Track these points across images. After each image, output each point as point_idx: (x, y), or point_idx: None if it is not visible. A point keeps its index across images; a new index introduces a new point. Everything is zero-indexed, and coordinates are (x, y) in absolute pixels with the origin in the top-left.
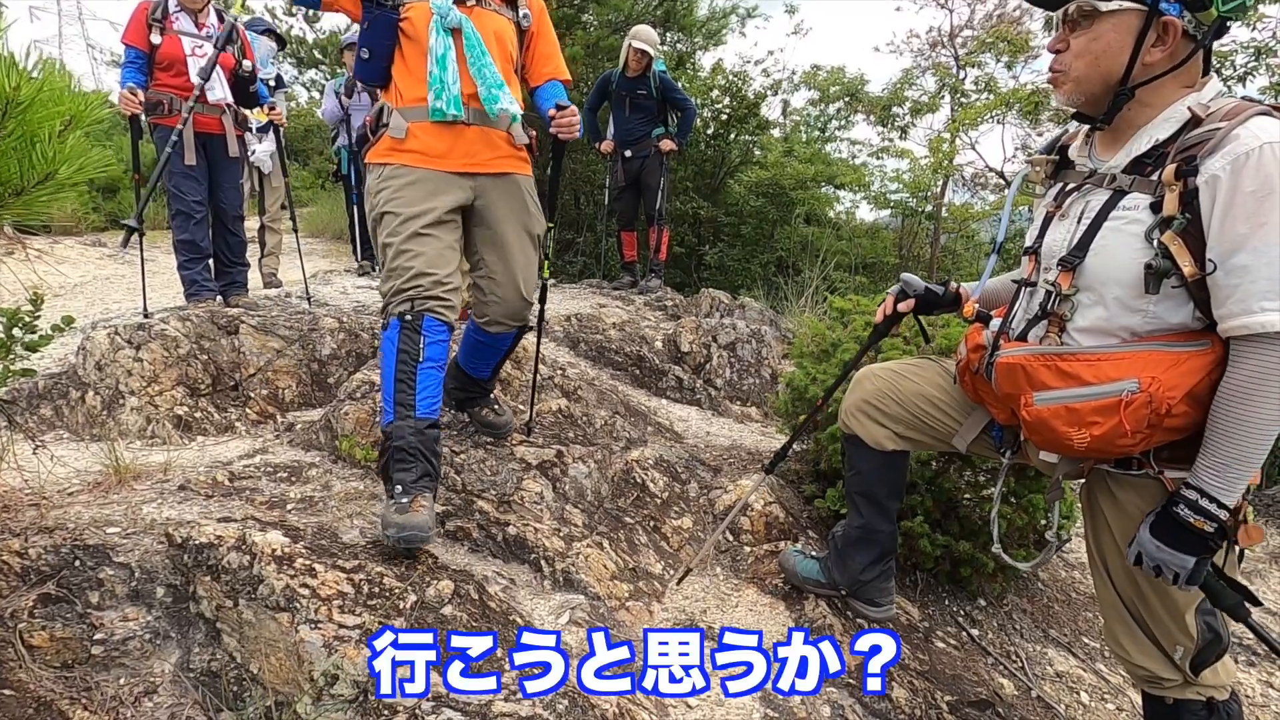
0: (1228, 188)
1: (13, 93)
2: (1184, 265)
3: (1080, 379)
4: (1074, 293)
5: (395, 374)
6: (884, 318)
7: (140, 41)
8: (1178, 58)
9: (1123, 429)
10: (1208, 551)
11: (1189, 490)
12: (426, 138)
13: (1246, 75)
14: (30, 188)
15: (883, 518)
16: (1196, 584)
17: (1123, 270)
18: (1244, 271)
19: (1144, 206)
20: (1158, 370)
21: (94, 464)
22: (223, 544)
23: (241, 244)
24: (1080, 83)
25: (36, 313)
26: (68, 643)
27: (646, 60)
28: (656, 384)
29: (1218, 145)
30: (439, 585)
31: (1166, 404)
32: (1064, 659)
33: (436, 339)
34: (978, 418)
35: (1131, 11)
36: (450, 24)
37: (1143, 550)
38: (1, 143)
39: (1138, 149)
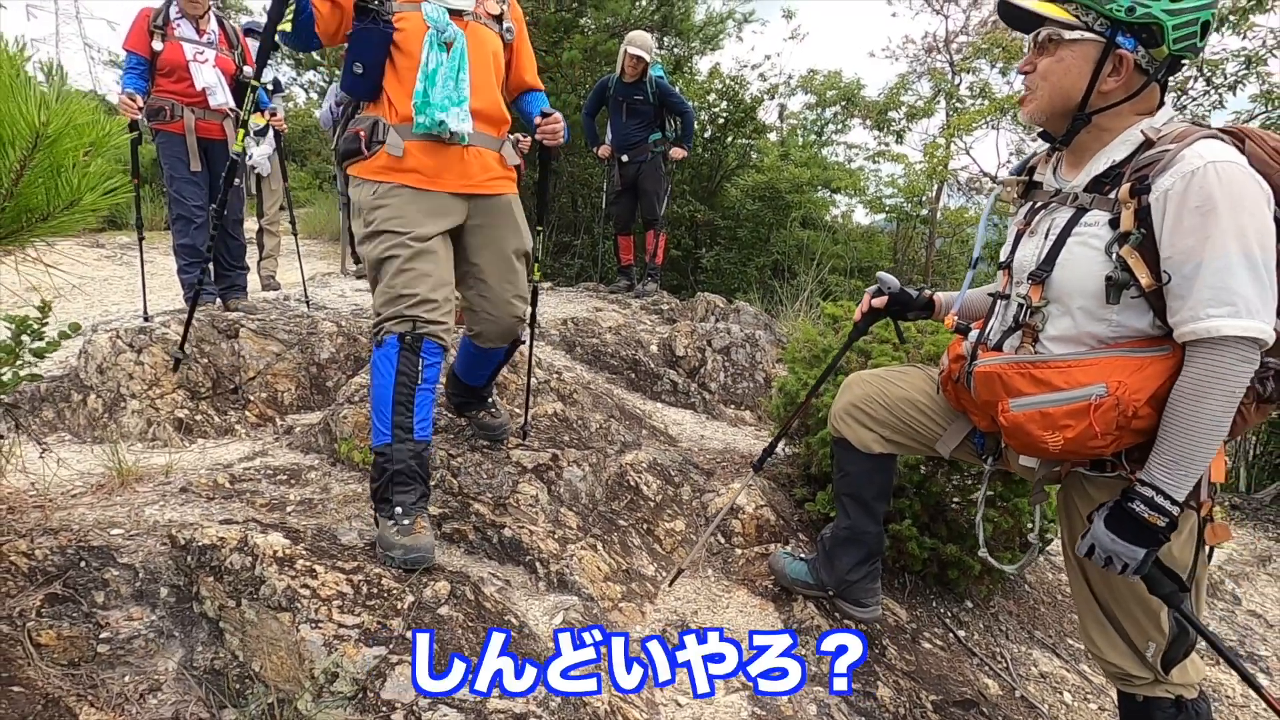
0: (1176, 204)
1: (42, 127)
2: (1141, 277)
3: (1052, 385)
4: (1044, 304)
5: (394, 396)
6: (862, 315)
7: (142, 48)
8: (1131, 89)
9: (1093, 431)
10: (1157, 544)
11: (1143, 487)
12: (423, 157)
13: (1237, 84)
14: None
15: (870, 519)
16: (1143, 574)
17: (1086, 282)
18: (1193, 281)
19: (1103, 223)
20: (1123, 375)
21: (96, 466)
22: (225, 545)
23: (241, 247)
24: (1043, 103)
25: (44, 319)
26: (74, 641)
27: (642, 66)
28: (651, 388)
29: (1167, 165)
30: (436, 586)
31: (1132, 406)
32: (1048, 660)
33: (433, 361)
34: (960, 425)
35: (1091, 42)
36: (447, 38)
37: (1096, 543)
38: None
39: (1096, 169)
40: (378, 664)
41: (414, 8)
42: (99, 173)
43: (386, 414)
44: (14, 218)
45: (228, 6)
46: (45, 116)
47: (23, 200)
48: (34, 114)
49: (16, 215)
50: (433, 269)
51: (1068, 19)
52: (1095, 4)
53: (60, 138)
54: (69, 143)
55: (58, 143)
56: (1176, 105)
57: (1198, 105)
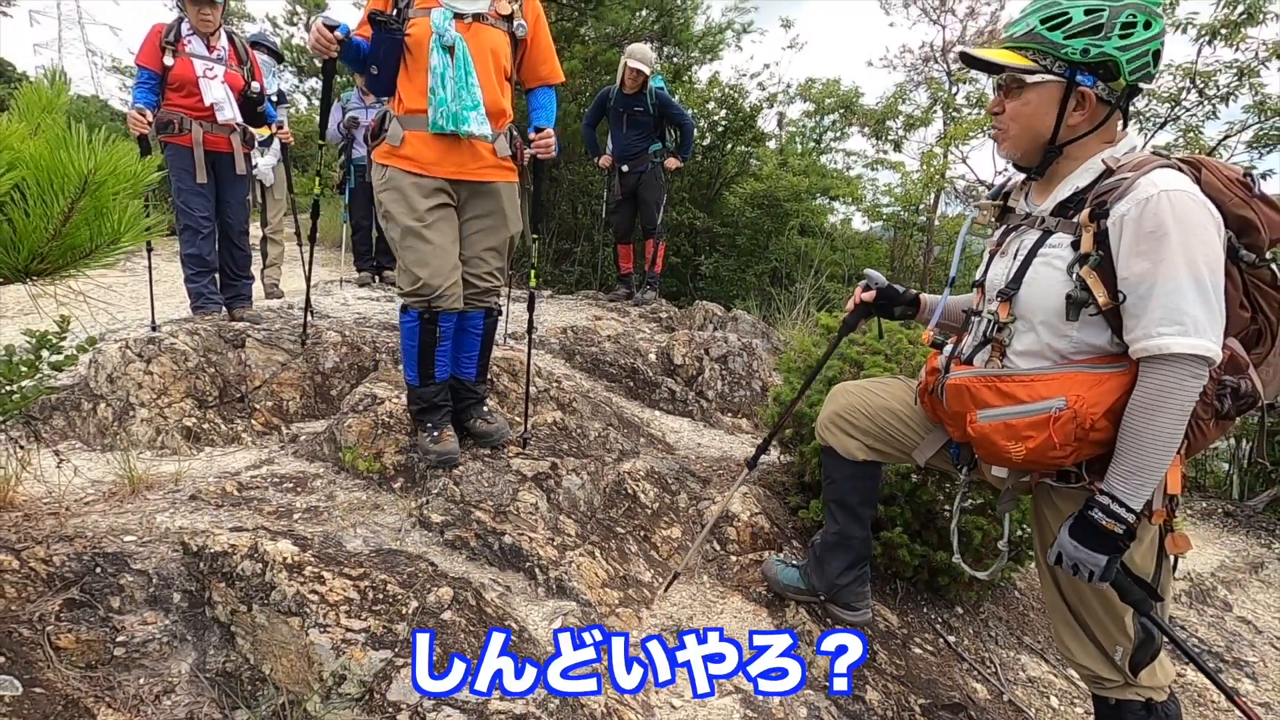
0: (1132, 229)
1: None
2: (1099, 296)
3: (1016, 398)
4: (1011, 321)
5: (419, 355)
6: (853, 308)
7: (153, 63)
8: (1096, 120)
9: (1052, 442)
10: (1117, 551)
11: (1101, 496)
12: (420, 145)
13: (1230, 95)
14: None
15: (857, 524)
16: (1108, 580)
17: (1048, 300)
18: (1147, 301)
19: (1066, 245)
20: (1082, 389)
21: (108, 474)
22: (236, 552)
23: (246, 257)
24: (1016, 141)
25: (63, 334)
26: (92, 644)
27: (643, 79)
28: (650, 396)
29: (1124, 192)
30: (439, 592)
31: (1090, 419)
32: (1036, 664)
33: (447, 326)
34: (936, 436)
35: (1053, 83)
36: (447, 43)
37: (1062, 550)
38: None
39: (1062, 195)
40: (384, 666)
41: (424, 13)
42: (137, 212)
43: (414, 365)
44: (59, 255)
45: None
46: (93, 165)
47: (68, 240)
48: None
49: (62, 254)
50: (436, 245)
51: (1027, 65)
52: (1052, 50)
53: (105, 183)
54: (112, 187)
55: (103, 187)
56: (1171, 117)
57: (1191, 116)
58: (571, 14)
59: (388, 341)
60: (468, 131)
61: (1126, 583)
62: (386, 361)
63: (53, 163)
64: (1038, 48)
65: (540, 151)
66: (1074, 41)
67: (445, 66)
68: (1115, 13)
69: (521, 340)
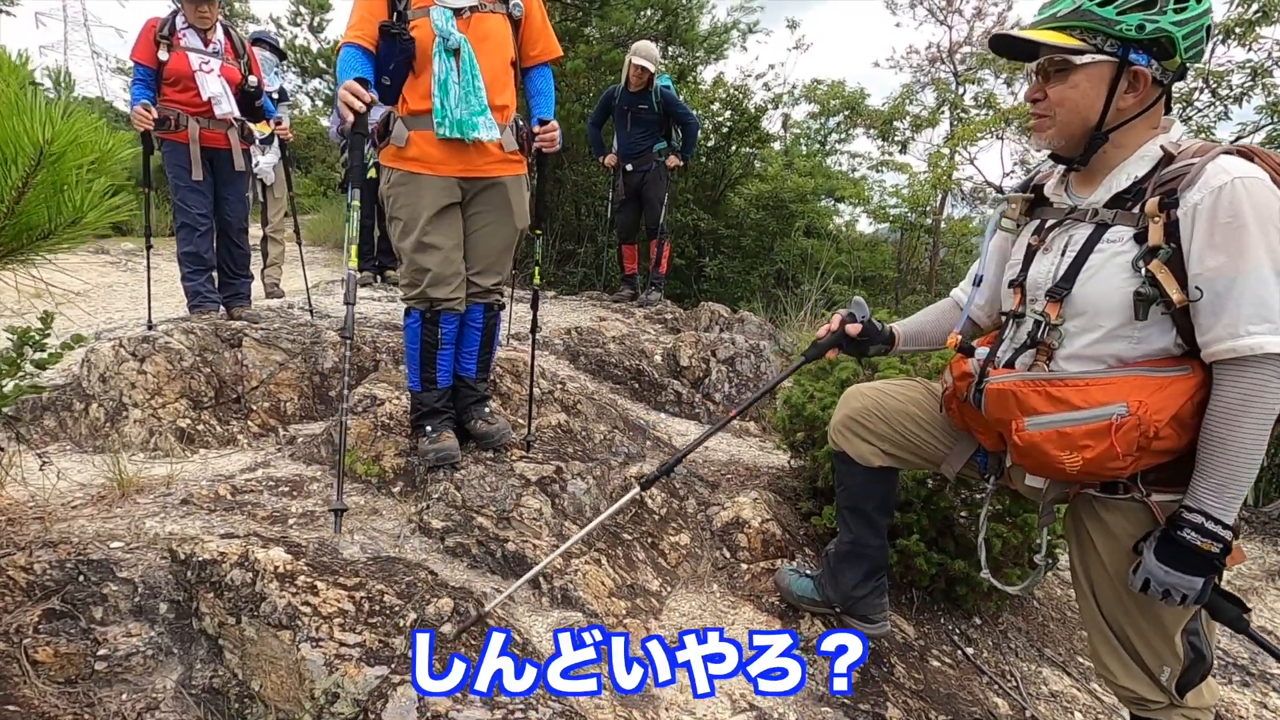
0: (1206, 219)
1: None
2: (1171, 292)
3: (1070, 404)
4: (1062, 321)
5: (421, 357)
6: (828, 333)
7: (148, 59)
8: (1147, 102)
9: (1114, 451)
10: (1213, 570)
11: (1191, 514)
12: (426, 146)
13: (1243, 95)
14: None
15: (872, 533)
16: (1203, 603)
17: (1112, 298)
18: (1228, 298)
19: (1128, 238)
20: (1144, 394)
21: (97, 476)
22: (226, 560)
23: (245, 256)
24: (1062, 129)
25: (47, 331)
26: (71, 658)
27: (648, 76)
28: (655, 398)
29: (1194, 179)
30: (439, 603)
31: (1154, 427)
32: (1059, 678)
33: (450, 327)
34: (964, 446)
35: (1104, 64)
36: (451, 46)
37: (1150, 576)
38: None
39: (1117, 185)
40: (379, 684)
41: (424, 13)
42: (101, 190)
43: (416, 369)
44: (14, 236)
45: (234, 15)
46: (49, 134)
47: (24, 218)
48: (38, 131)
49: (17, 234)
50: (441, 245)
51: (1076, 45)
52: (1103, 27)
53: (64, 155)
54: (73, 160)
55: (61, 160)
56: (1183, 117)
57: (1203, 117)
58: (576, 14)
59: (388, 342)
60: (475, 138)
61: (1219, 602)
62: (387, 362)
63: (3, 132)
64: (1087, 25)
65: (545, 145)
66: (1128, 17)
67: (449, 72)
68: None
69: (524, 341)
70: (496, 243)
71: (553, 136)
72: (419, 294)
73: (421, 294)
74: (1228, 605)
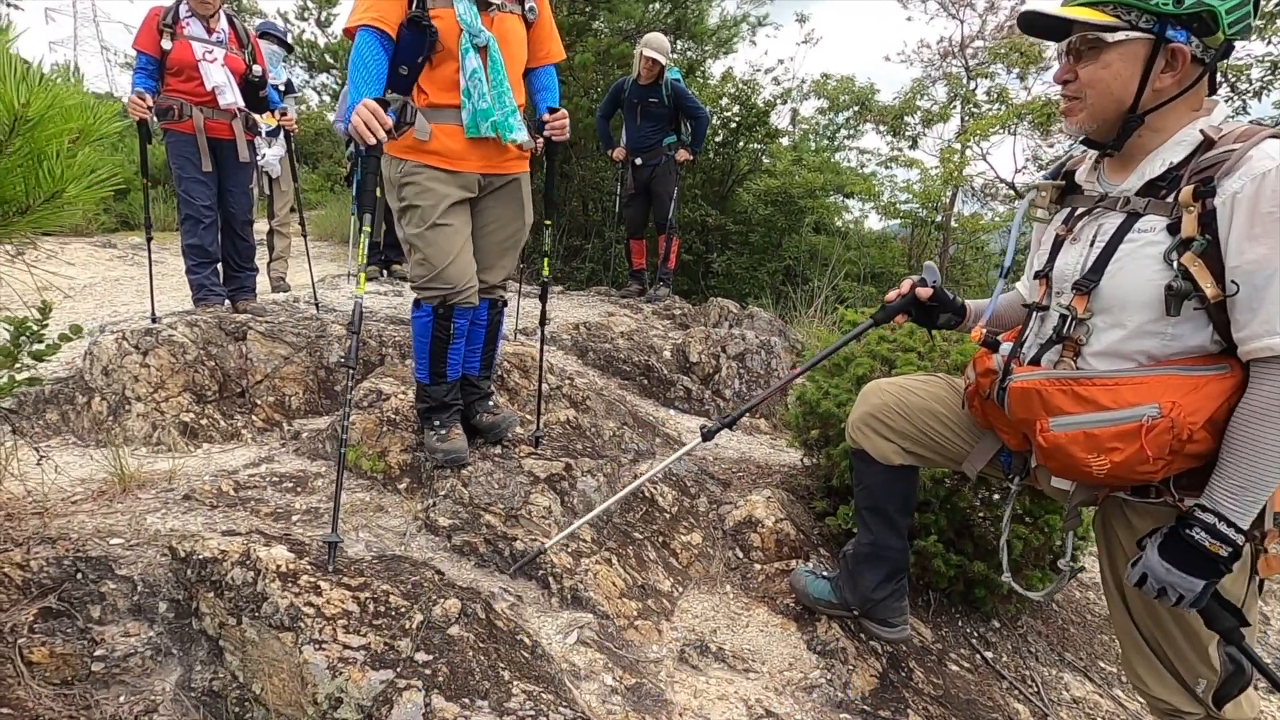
0: (1246, 209)
1: (21, 109)
2: (1206, 287)
3: (1098, 404)
4: (1089, 316)
5: (431, 351)
6: (898, 296)
7: (151, 47)
8: (1186, 82)
9: (1144, 455)
10: (1218, 575)
11: (1204, 513)
12: (448, 141)
13: (1263, 89)
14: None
15: (892, 534)
16: (1200, 607)
17: (1142, 292)
18: (1267, 291)
19: (1160, 228)
20: (1178, 395)
21: (98, 471)
22: (227, 559)
23: (250, 249)
24: (1094, 111)
25: (44, 321)
26: (68, 659)
27: (658, 69)
28: (665, 394)
29: (1234, 166)
30: (446, 604)
31: (1188, 429)
32: (1080, 684)
33: (462, 322)
34: (987, 444)
35: (1139, 41)
36: (480, 43)
37: (1150, 572)
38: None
39: (1151, 172)
40: (384, 689)
41: (447, 3)
42: (85, 163)
43: (425, 362)
44: None
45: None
46: (25, 97)
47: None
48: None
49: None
50: (456, 239)
51: (1109, 21)
52: (1139, 2)
53: (42, 122)
54: (53, 128)
55: (39, 127)
56: None
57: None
58: (584, 7)
59: (394, 336)
60: (512, 139)
61: (1215, 609)
62: (393, 356)
63: None
64: (1121, 0)
65: (555, 134)
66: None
67: (479, 68)
68: None
69: (532, 336)
70: (506, 239)
71: (563, 124)
72: (433, 284)
73: (435, 284)
74: (1224, 614)
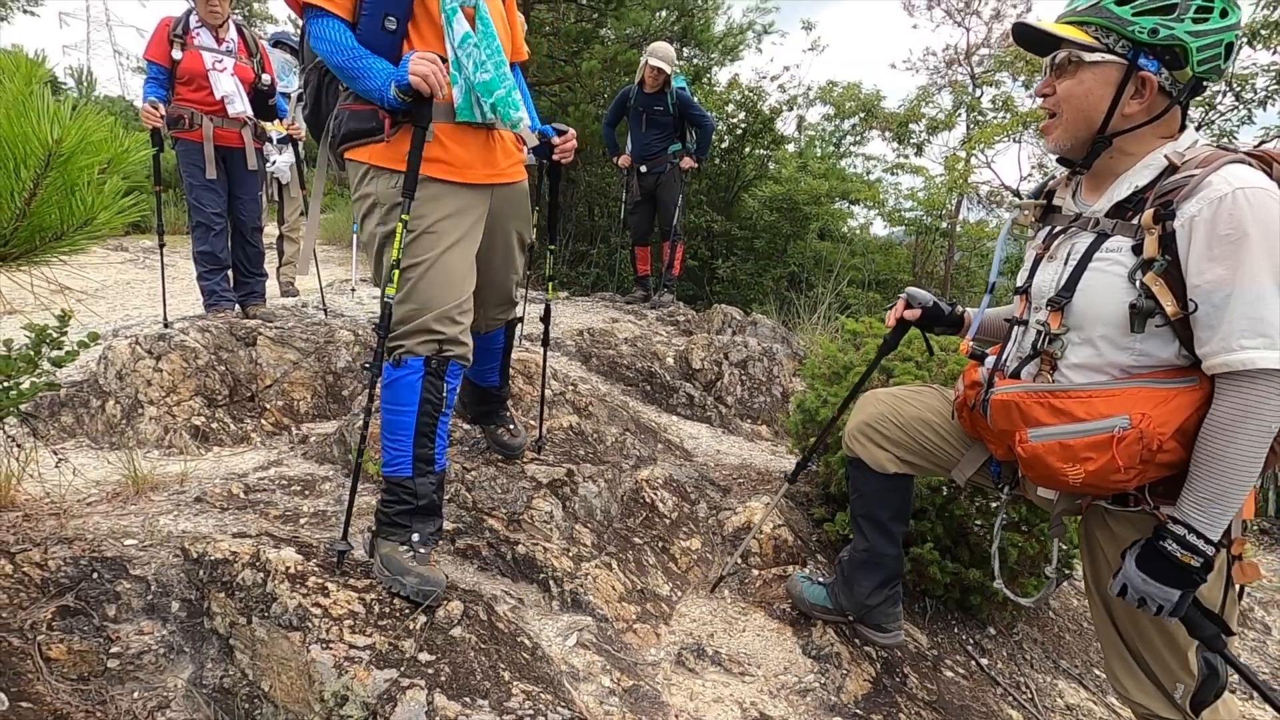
0: (1204, 232)
1: (55, 145)
2: (1166, 305)
3: (1073, 415)
4: (1063, 332)
5: (419, 425)
6: (894, 324)
7: (162, 57)
8: (1154, 111)
9: (1115, 464)
10: (1192, 585)
11: (1175, 525)
12: (453, 145)
13: (1267, 99)
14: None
15: (887, 541)
16: (1179, 616)
17: (1108, 310)
18: (1224, 311)
19: (1126, 249)
20: (1148, 406)
21: (113, 473)
22: (238, 560)
23: (260, 254)
24: (1066, 128)
25: (64, 329)
26: (84, 655)
27: (664, 77)
28: (667, 400)
29: (1193, 191)
30: (449, 606)
31: (1157, 440)
32: (1075, 691)
33: (455, 384)
34: (977, 452)
35: (1112, 64)
36: (465, 2)
37: (1128, 583)
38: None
39: (1118, 194)
40: (388, 687)
41: None
42: (115, 190)
43: (407, 445)
44: (27, 238)
45: (253, 15)
46: (58, 134)
47: (35, 220)
48: (47, 132)
49: (30, 235)
50: (460, 276)
51: (1088, 41)
52: (1117, 26)
53: (74, 155)
54: (84, 160)
55: (71, 160)
56: (1205, 121)
57: (1225, 120)
58: (591, 14)
59: None
60: (517, 118)
61: (1197, 617)
62: None
63: (13, 132)
64: (1101, 23)
65: (565, 156)
66: (1143, 19)
67: (467, 34)
68: None
69: (537, 342)
70: (513, 262)
71: (572, 146)
72: (426, 327)
73: (433, 328)
74: (1206, 623)
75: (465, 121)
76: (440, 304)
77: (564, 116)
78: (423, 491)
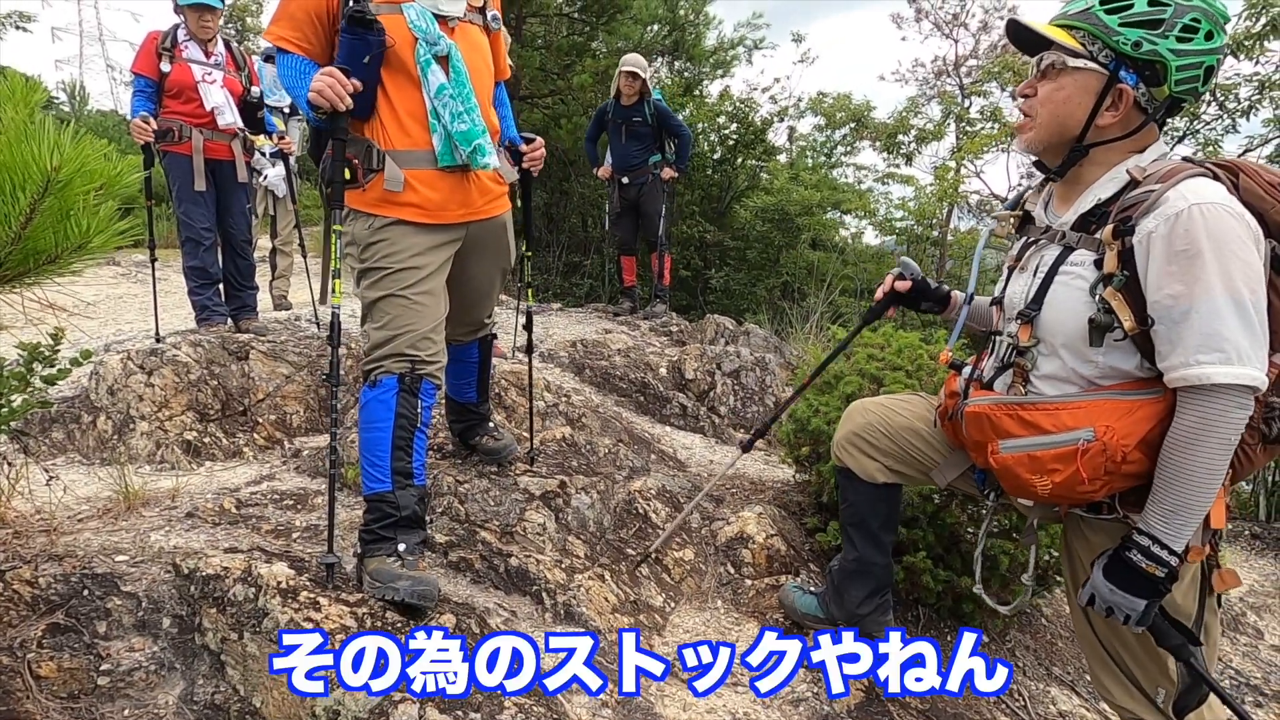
0: (1160, 248)
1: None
2: (1124, 320)
3: (1040, 428)
4: (1033, 344)
5: (394, 441)
6: (882, 295)
7: (150, 70)
8: (1129, 126)
9: (1080, 476)
10: (1158, 595)
11: (1140, 536)
12: (425, 190)
13: (1250, 109)
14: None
15: (877, 550)
16: (1146, 625)
17: (1070, 323)
18: (1181, 327)
19: (1089, 263)
20: (1111, 419)
21: (104, 489)
22: (229, 575)
23: (250, 267)
24: (1041, 129)
25: (56, 347)
26: (74, 673)
27: (639, 85)
28: (660, 411)
29: (1151, 207)
30: (441, 620)
31: (1121, 451)
32: (1067, 698)
33: (430, 403)
34: (959, 458)
35: (1093, 73)
36: (439, 52)
37: (1096, 592)
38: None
39: (1083, 207)
40: (380, 702)
41: (393, 9)
42: (108, 215)
43: (385, 460)
44: (20, 260)
45: (246, 30)
46: (57, 161)
47: (30, 243)
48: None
49: (24, 258)
50: (432, 305)
51: (1075, 46)
52: (1103, 35)
53: (72, 181)
54: (80, 185)
55: (69, 186)
56: (1190, 130)
57: (1210, 130)
58: (583, 28)
59: None
60: (485, 164)
61: (1164, 627)
62: None
63: (12, 159)
64: (1089, 29)
65: (534, 165)
66: (1129, 31)
67: (443, 86)
68: (1180, 11)
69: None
70: (490, 287)
71: (541, 155)
72: (398, 350)
73: (402, 350)
74: (1173, 632)
75: (446, 167)
76: (414, 330)
77: (556, 129)
78: (404, 503)
